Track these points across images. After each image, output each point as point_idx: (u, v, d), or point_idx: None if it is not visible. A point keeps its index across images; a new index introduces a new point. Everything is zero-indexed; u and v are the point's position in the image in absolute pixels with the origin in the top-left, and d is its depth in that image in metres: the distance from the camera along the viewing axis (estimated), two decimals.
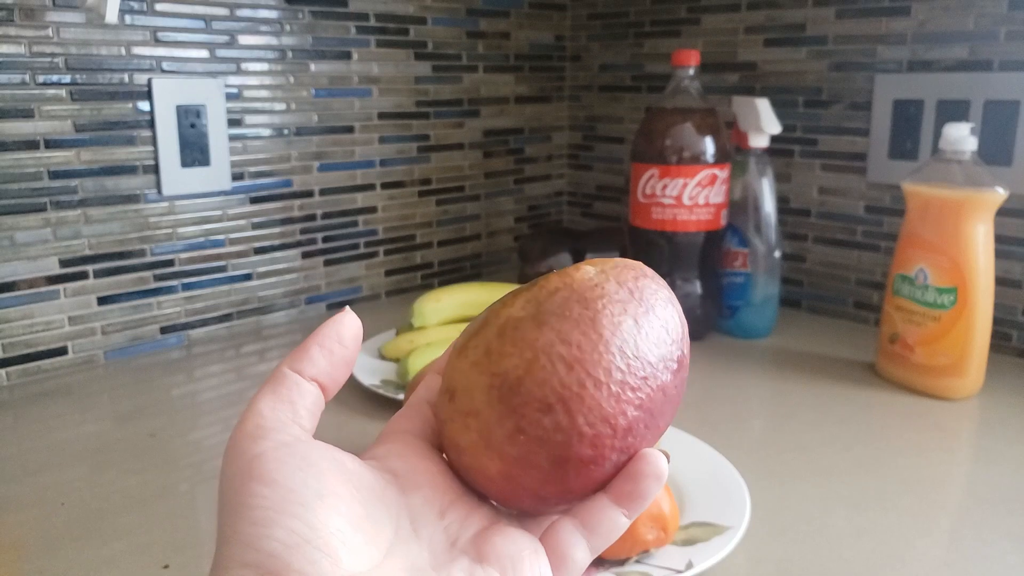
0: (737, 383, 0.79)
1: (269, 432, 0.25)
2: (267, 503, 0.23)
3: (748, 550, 0.51)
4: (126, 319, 0.85)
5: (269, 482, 0.23)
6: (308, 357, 0.28)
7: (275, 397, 0.27)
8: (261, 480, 0.24)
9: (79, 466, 0.62)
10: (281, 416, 0.26)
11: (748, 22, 1.02)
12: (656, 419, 0.27)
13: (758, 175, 0.90)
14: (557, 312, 0.26)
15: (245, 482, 0.24)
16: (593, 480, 0.27)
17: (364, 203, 1.03)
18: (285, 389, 0.27)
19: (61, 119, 0.78)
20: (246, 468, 0.24)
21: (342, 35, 0.97)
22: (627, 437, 0.26)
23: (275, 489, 0.23)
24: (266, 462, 0.24)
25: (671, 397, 0.27)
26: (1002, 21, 0.83)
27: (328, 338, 0.28)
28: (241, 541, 0.23)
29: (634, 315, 0.27)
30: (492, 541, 0.27)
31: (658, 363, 0.27)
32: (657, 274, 0.29)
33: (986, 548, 0.51)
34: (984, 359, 0.74)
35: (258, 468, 0.24)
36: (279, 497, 0.23)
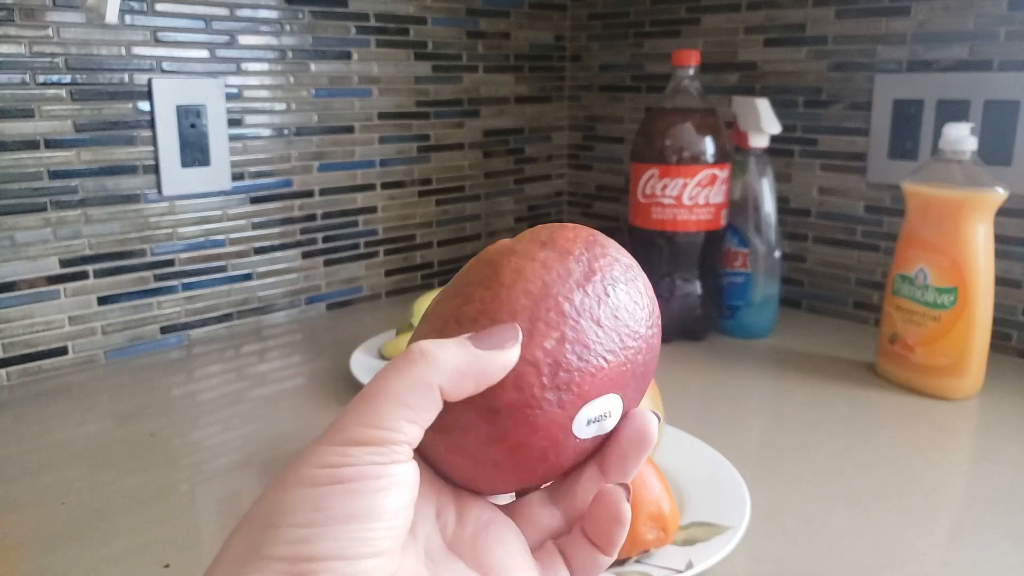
0: (737, 383, 0.79)
1: (373, 448, 0.23)
2: (335, 514, 0.22)
3: (748, 550, 0.51)
4: (126, 319, 0.85)
5: (348, 493, 0.23)
6: (465, 383, 0.25)
7: (408, 414, 0.24)
8: (342, 491, 0.23)
9: (79, 466, 0.62)
10: (399, 437, 0.24)
11: (748, 22, 1.02)
12: (589, 350, 0.26)
13: (758, 175, 0.90)
14: (464, 279, 0.28)
15: (323, 485, 0.23)
16: (537, 428, 0.26)
17: (364, 203, 1.03)
18: (424, 410, 0.24)
19: (61, 119, 0.78)
20: (331, 472, 0.23)
21: (342, 35, 0.97)
22: (557, 372, 0.26)
23: (350, 502, 0.23)
24: (354, 473, 0.23)
25: (605, 328, 0.27)
26: (1002, 21, 0.83)
27: (492, 371, 0.25)
28: (289, 534, 0.22)
29: (543, 262, 0.27)
30: (488, 548, 0.27)
31: (574, 300, 0.26)
32: (593, 232, 0.29)
33: (986, 548, 0.51)
34: (984, 359, 0.74)
35: (344, 475, 0.23)
36: (348, 510, 0.22)
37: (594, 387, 0.26)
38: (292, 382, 0.79)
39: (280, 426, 0.69)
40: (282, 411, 0.72)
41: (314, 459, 0.23)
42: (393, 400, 0.24)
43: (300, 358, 0.86)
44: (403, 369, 0.24)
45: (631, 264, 0.29)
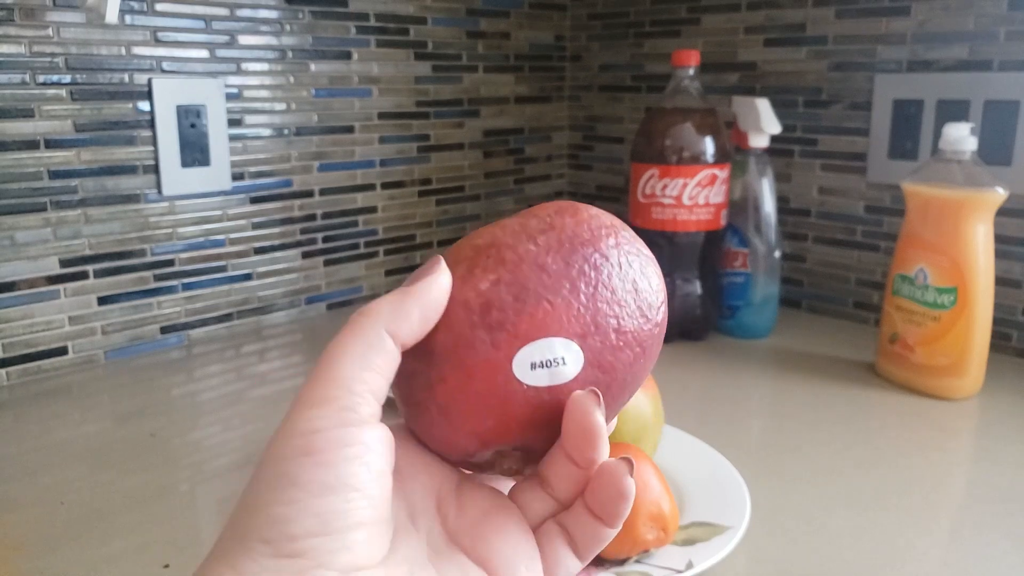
0: (737, 383, 0.79)
1: (336, 403, 0.23)
2: (311, 488, 0.22)
3: (748, 550, 0.51)
4: (126, 319, 0.85)
5: (321, 464, 0.22)
6: (408, 319, 0.25)
7: (363, 363, 0.24)
8: (314, 461, 0.22)
9: (79, 466, 0.62)
10: (361, 388, 0.24)
11: (748, 22, 1.02)
12: (528, 291, 0.26)
13: (758, 175, 0.90)
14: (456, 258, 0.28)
15: (296, 457, 0.23)
16: (473, 368, 0.25)
17: (364, 203, 1.03)
18: (376, 355, 0.24)
19: (61, 119, 0.78)
20: (301, 441, 0.23)
21: (342, 35, 0.97)
22: (489, 311, 0.26)
23: (323, 473, 0.22)
24: (323, 442, 0.23)
25: (551, 272, 0.26)
26: (1002, 21, 0.83)
27: (428, 299, 0.25)
28: (269, 515, 0.22)
29: (504, 224, 0.28)
30: (489, 541, 0.26)
31: (518, 248, 0.27)
32: (577, 204, 0.29)
33: (986, 548, 0.51)
34: (984, 359, 0.74)
35: (314, 444, 0.23)
36: (322, 482, 0.22)
37: (534, 328, 0.26)
38: (292, 382, 0.79)
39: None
40: (282, 411, 0.72)
41: (285, 431, 0.23)
42: (344, 355, 0.24)
43: (300, 358, 0.86)
44: (349, 327, 0.25)
45: (609, 227, 0.28)
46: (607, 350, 0.27)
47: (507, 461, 0.28)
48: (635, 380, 0.28)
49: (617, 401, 0.28)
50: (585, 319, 0.26)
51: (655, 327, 0.28)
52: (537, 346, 0.26)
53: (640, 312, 0.28)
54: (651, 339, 0.28)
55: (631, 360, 0.27)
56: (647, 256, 0.29)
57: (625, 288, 0.27)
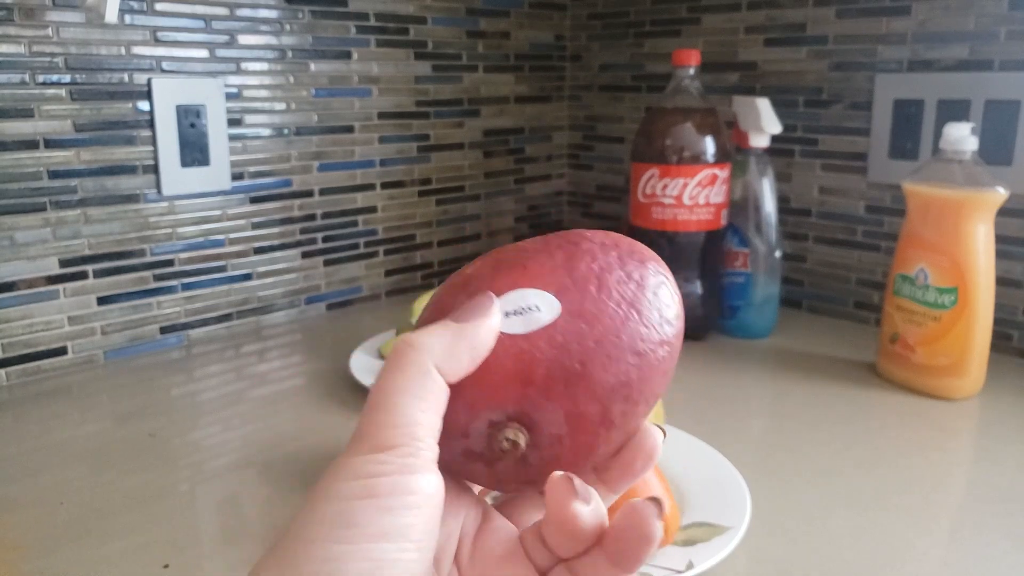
0: (737, 383, 0.79)
1: (402, 450, 0.23)
2: (369, 531, 0.22)
3: (748, 550, 0.51)
4: (126, 319, 0.85)
5: (383, 509, 0.22)
6: (458, 360, 0.25)
7: (421, 404, 0.24)
8: (375, 505, 0.22)
9: (79, 466, 0.62)
10: (422, 432, 0.24)
11: (748, 22, 1.02)
12: (503, 262, 0.28)
13: (758, 175, 0.90)
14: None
15: (357, 499, 0.22)
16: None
17: (364, 203, 1.03)
18: (431, 395, 0.24)
19: (61, 119, 0.78)
20: (363, 485, 0.23)
21: (342, 35, 0.97)
22: (470, 282, 0.28)
23: (383, 519, 0.22)
24: (387, 487, 0.23)
25: (530, 248, 0.29)
26: (1002, 21, 0.82)
27: (478, 341, 0.25)
28: (324, 551, 0.22)
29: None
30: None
31: (521, 245, 0.29)
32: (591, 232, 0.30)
33: (986, 548, 0.51)
34: (985, 359, 0.74)
35: (376, 489, 0.23)
36: (380, 527, 0.22)
37: (508, 285, 0.27)
38: (292, 382, 0.79)
39: (280, 426, 0.69)
40: (282, 411, 0.72)
41: (346, 471, 0.23)
42: (401, 393, 0.24)
43: (300, 358, 0.86)
44: (398, 363, 0.25)
45: (601, 242, 0.29)
46: (588, 300, 0.27)
47: (505, 434, 0.27)
48: (637, 347, 0.27)
49: (617, 362, 0.27)
50: (562, 276, 0.27)
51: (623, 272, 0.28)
52: (510, 297, 0.27)
53: (608, 262, 0.28)
54: (649, 311, 0.28)
55: (623, 317, 0.27)
56: (654, 271, 0.29)
57: (601, 245, 0.29)
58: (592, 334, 0.27)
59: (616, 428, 0.27)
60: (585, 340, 0.26)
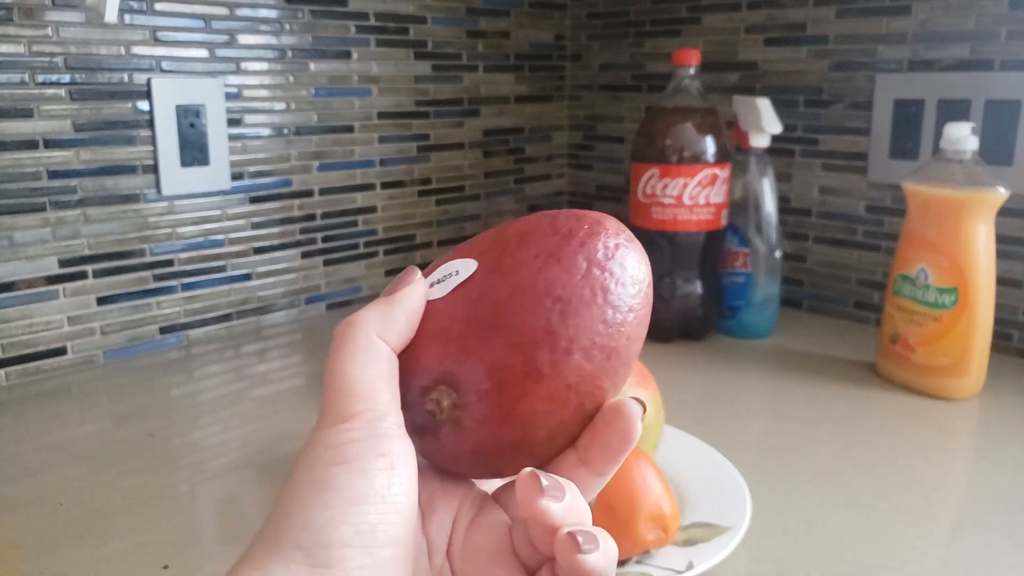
0: (738, 383, 0.79)
1: (365, 415, 0.24)
2: (346, 494, 0.23)
3: (749, 550, 0.51)
4: (125, 319, 0.85)
5: (356, 472, 0.23)
6: (396, 324, 0.26)
7: (374, 372, 0.25)
8: (348, 469, 0.23)
9: (78, 466, 0.62)
10: (383, 397, 0.25)
11: (749, 21, 1.01)
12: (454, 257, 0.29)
13: (759, 175, 0.90)
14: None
15: (330, 465, 0.23)
16: None
17: (364, 203, 1.03)
18: (380, 362, 0.25)
19: (60, 119, 0.78)
20: (335, 451, 0.23)
21: (342, 34, 0.97)
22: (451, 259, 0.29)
23: (358, 481, 0.23)
24: (357, 451, 0.23)
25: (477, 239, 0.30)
26: (1003, 21, 0.82)
27: (411, 305, 0.26)
28: (304, 520, 0.22)
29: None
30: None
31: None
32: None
33: (986, 548, 0.51)
34: (985, 359, 0.74)
35: (348, 454, 0.23)
36: (358, 493, 0.23)
37: (440, 264, 0.29)
38: (292, 382, 0.79)
39: (279, 426, 0.69)
40: (281, 411, 0.72)
41: (317, 443, 0.24)
42: (351, 364, 0.25)
43: (300, 358, 0.86)
44: (342, 340, 0.26)
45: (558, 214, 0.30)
46: (507, 255, 0.27)
47: (431, 395, 0.26)
48: (555, 292, 0.26)
49: (535, 310, 0.26)
50: (488, 242, 0.28)
51: (581, 249, 0.27)
52: (438, 271, 0.28)
53: (561, 237, 0.28)
54: (573, 257, 0.27)
55: (539, 266, 0.27)
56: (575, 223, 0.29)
57: (551, 230, 0.28)
58: (506, 284, 0.26)
59: (549, 379, 0.25)
60: (498, 290, 0.26)
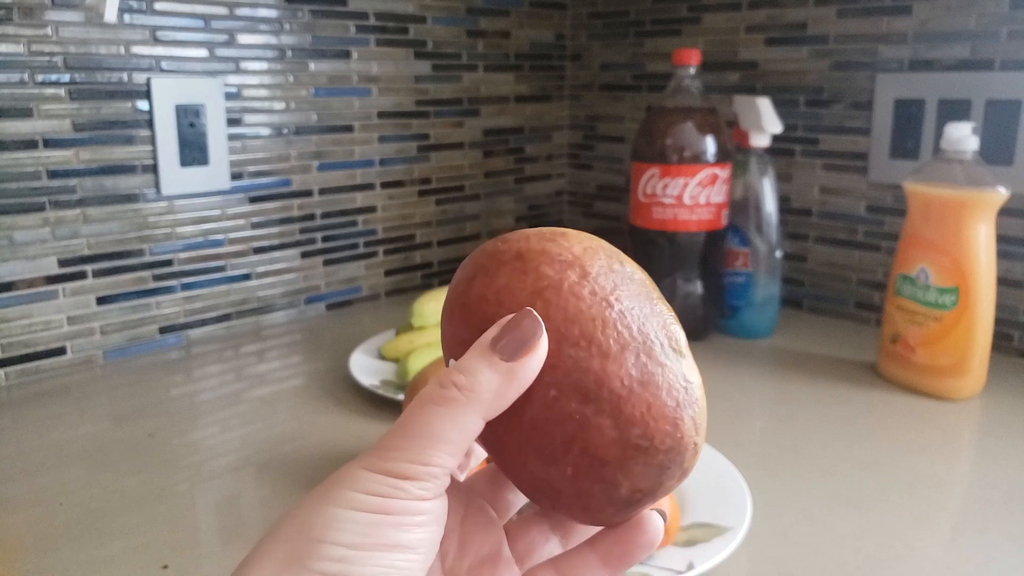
0: (738, 383, 0.79)
1: (423, 475, 0.24)
2: (381, 541, 0.23)
3: (749, 551, 0.51)
4: (125, 319, 0.85)
5: (394, 525, 0.24)
6: (502, 403, 0.25)
7: (453, 449, 0.25)
8: (389, 521, 0.24)
9: (78, 466, 0.62)
10: (444, 472, 0.25)
11: (749, 21, 1.01)
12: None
13: (759, 175, 0.90)
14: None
15: (372, 511, 0.23)
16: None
17: (363, 203, 1.03)
18: (469, 435, 0.25)
19: (60, 118, 0.78)
20: (380, 502, 0.24)
21: (341, 34, 0.97)
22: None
23: (394, 534, 0.23)
24: (402, 508, 0.24)
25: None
26: (1004, 20, 0.82)
27: (525, 378, 0.25)
28: (335, 553, 0.23)
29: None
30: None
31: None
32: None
33: (988, 549, 0.51)
34: (986, 359, 0.74)
35: (392, 507, 0.24)
36: (392, 542, 0.23)
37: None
38: (291, 382, 0.79)
39: (279, 427, 0.69)
40: (281, 412, 0.72)
41: (360, 484, 0.24)
42: (437, 439, 0.24)
43: (299, 358, 0.86)
44: (444, 406, 0.25)
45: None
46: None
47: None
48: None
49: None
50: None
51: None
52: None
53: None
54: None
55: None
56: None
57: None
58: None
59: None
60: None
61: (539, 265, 0.27)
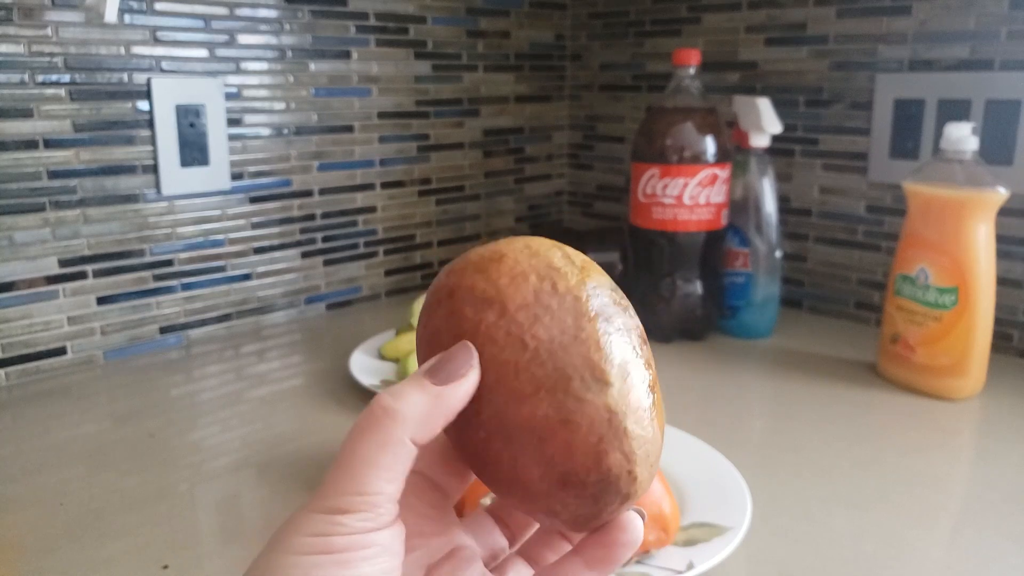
0: (738, 383, 0.79)
1: (364, 506, 0.24)
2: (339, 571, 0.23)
3: (749, 551, 0.51)
4: (125, 319, 0.85)
5: (340, 563, 0.24)
6: (434, 428, 0.25)
7: (387, 475, 0.25)
8: (333, 560, 0.24)
9: (78, 466, 0.62)
10: (382, 499, 0.25)
11: (749, 21, 1.01)
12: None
13: (759, 175, 0.90)
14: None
15: (314, 552, 0.24)
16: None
17: (364, 203, 1.03)
18: (400, 464, 0.25)
19: (60, 119, 0.78)
20: (323, 542, 0.24)
21: (342, 34, 0.97)
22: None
23: (341, 571, 0.23)
24: (345, 544, 0.24)
25: None
26: (1003, 20, 0.82)
27: (455, 407, 0.26)
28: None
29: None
30: None
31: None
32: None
33: (987, 548, 0.51)
34: (985, 359, 0.74)
35: (335, 544, 0.24)
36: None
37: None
38: (291, 382, 0.79)
39: (279, 427, 0.69)
40: (281, 412, 0.72)
41: (304, 527, 0.24)
42: (368, 464, 0.24)
43: (299, 358, 0.86)
44: (371, 431, 0.25)
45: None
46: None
47: None
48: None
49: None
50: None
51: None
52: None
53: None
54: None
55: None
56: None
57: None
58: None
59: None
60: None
61: (462, 306, 0.27)
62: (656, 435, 0.28)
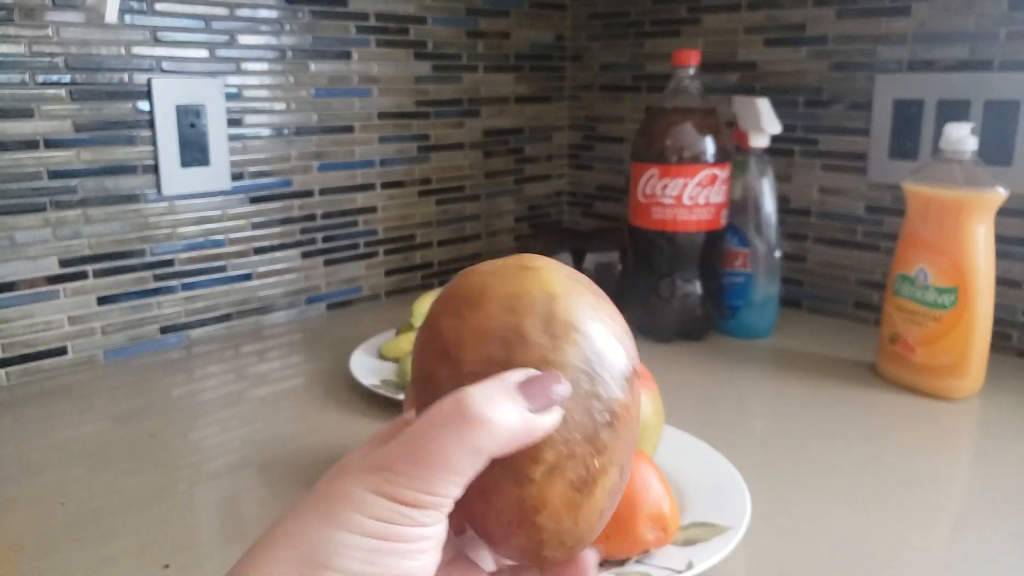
0: (737, 383, 0.79)
1: (431, 505, 0.25)
2: (382, 570, 0.24)
3: (748, 550, 0.51)
4: (126, 319, 0.85)
5: (400, 553, 0.24)
6: (512, 448, 0.26)
7: (458, 482, 0.25)
8: (394, 549, 0.24)
9: (78, 466, 0.62)
10: (447, 501, 0.25)
11: (748, 22, 1.02)
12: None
13: (758, 175, 0.90)
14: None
15: (376, 536, 0.24)
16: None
17: (364, 203, 1.03)
18: (472, 473, 0.25)
19: (61, 119, 0.78)
20: (386, 528, 0.24)
21: (342, 35, 0.97)
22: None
23: (398, 561, 0.24)
24: (409, 534, 0.24)
25: None
26: (1002, 21, 0.82)
27: (540, 433, 0.26)
28: (344, 568, 0.23)
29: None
30: None
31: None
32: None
33: (987, 548, 0.51)
34: (984, 359, 0.74)
35: (400, 534, 0.24)
36: (394, 567, 0.24)
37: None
38: (292, 382, 0.79)
39: (279, 427, 0.69)
40: (282, 412, 0.72)
41: (366, 508, 0.24)
42: (446, 467, 0.24)
43: (300, 358, 0.86)
44: (458, 432, 0.24)
45: None
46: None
47: None
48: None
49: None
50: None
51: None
52: None
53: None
54: None
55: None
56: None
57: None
58: None
59: None
60: None
61: (429, 347, 0.28)
62: (589, 514, 0.27)
